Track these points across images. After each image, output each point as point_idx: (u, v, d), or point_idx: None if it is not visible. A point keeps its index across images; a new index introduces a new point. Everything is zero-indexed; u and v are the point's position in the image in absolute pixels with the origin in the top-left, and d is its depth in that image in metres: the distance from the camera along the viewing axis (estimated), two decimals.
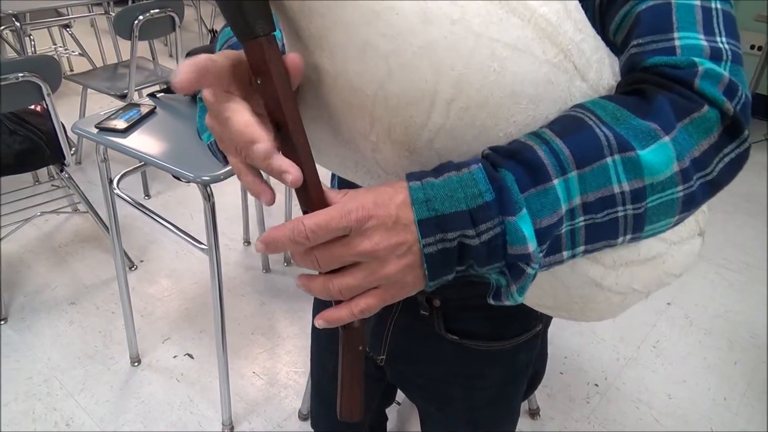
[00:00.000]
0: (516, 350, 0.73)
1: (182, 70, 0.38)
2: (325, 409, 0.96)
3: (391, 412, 1.20)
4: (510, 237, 0.38)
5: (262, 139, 0.38)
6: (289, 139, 0.40)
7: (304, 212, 0.41)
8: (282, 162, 0.39)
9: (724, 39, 0.44)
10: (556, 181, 0.39)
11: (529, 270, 0.39)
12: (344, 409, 0.51)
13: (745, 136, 0.43)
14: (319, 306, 0.89)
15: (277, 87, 0.38)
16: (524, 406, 1.63)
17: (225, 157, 0.47)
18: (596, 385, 1.73)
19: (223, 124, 0.40)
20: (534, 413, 1.62)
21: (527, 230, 0.38)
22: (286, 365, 1.78)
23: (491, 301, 0.43)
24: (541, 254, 0.39)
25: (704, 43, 0.43)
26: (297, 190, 0.41)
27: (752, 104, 0.44)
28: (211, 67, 0.39)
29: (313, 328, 0.91)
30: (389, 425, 1.18)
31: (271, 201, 0.41)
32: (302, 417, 1.60)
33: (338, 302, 0.43)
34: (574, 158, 0.39)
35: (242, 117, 0.39)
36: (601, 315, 0.53)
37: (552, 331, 1.39)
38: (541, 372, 0.86)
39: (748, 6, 2.97)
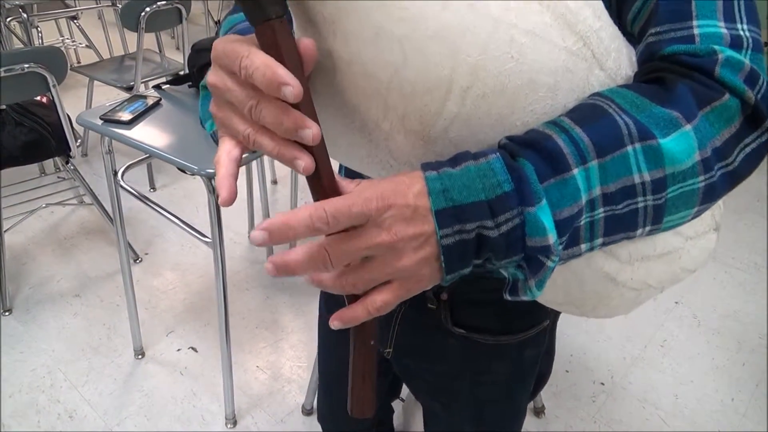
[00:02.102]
0: (523, 345, 0.72)
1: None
2: (332, 406, 0.95)
3: (396, 406, 1.19)
4: (529, 228, 0.36)
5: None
6: None
7: (316, 200, 0.39)
8: (294, 148, 0.37)
9: (745, 26, 0.43)
10: (576, 171, 0.37)
11: (549, 263, 0.37)
12: (355, 406, 0.50)
13: (766, 126, 0.41)
14: (327, 297, 0.88)
15: (290, 71, 0.37)
16: (529, 404, 1.61)
17: None
18: (602, 384, 1.72)
19: (229, 75, 0.38)
20: (539, 411, 1.61)
21: (547, 221, 0.36)
22: (289, 360, 1.77)
23: (507, 297, 0.42)
24: (560, 246, 0.38)
25: (724, 30, 0.42)
26: (309, 178, 0.39)
27: None
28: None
29: (320, 320, 0.90)
30: (396, 422, 1.17)
31: (227, 202, 0.38)
32: (305, 412, 1.60)
33: (350, 298, 0.42)
34: (595, 147, 0.38)
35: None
36: (614, 311, 0.52)
37: (558, 328, 1.37)
38: (547, 374, 0.85)
39: (761, 5, 2.94)
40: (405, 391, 1.13)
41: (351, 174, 0.66)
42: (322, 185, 0.39)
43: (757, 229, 2.46)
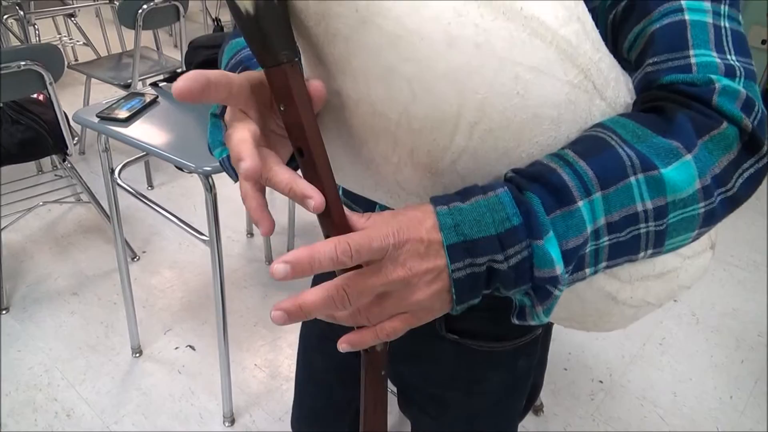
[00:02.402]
0: (516, 354, 0.72)
1: (184, 78, 0.37)
2: (305, 413, 0.93)
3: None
4: (537, 260, 0.38)
5: (248, 158, 0.36)
6: (312, 164, 0.39)
7: (327, 236, 0.40)
8: (305, 187, 0.38)
9: (734, 57, 0.44)
10: (581, 203, 0.38)
11: (556, 292, 0.39)
12: None
13: (764, 151, 0.43)
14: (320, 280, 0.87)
15: (301, 113, 0.38)
16: None
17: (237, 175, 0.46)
18: (601, 382, 1.71)
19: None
20: (537, 409, 1.60)
21: (555, 253, 0.37)
22: (288, 358, 1.76)
23: (515, 321, 0.43)
24: (567, 275, 0.39)
25: (718, 60, 0.44)
26: (319, 216, 0.40)
27: (762, 100, 0.44)
28: (223, 83, 0.38)
29: (303, 325, 0.89)
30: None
31: (269, 231, 0.39)
32: None
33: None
34: (598, 179, 0.39)
35: (239, 134, 0.38)
36: (613, 326, 0.54)
37: (556, 327, 1.36)
38: (539, 385, 0.85)
39: (761, 4, 2.95)
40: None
41: (348, 194, 0.66)
42: (333, 222, 0.40)
43: (757, 227, 2.46)
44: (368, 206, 0.59)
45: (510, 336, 0.70)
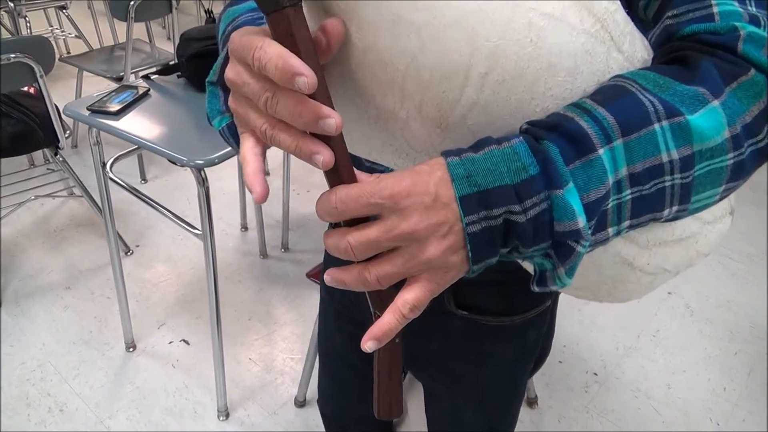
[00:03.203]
0: (526, 326, 0.71)
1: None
2: (331, 389, 0.94)
3: None
4: (557, 213, 0.35)
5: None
6: None
7: None
8: (312, 143, 0.36)
9: (754, 8, 0.42)
10: (601, 151, 0.36)
11: (579, 248, 0.36)
12: (382, 407, 0.48)
13: None
14: (331, 263, 0.87)
15: (305, 61, 0.35)
16: None
17: (239, 142, 0.44)
18: (595, 374, 1.72)
19: (246, 69, 0.37)
20: (532, 402, 1.61)
21: (576, 204, 0.35)
22: (282, 352, 1.76)
23: (535, 288, 0.41)
24: (589, 231, 0.37)
25: (741, 9, 0.41)
26: (327, 173, 0.38)
27: None
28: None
29: (321, 307, 0.89)
30: None
31: (262, 197, 0.38)
32: (298, 404, 1.59)
33: (375, 300, 0.41)
34: (619, 125, 0.37)
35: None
36: (628, 296, 0.52)
37: None
38: (547, 349, 0.85)
39: None
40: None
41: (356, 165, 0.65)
42: (342, 180, 0.38)
43: (752, 219, 2.46)
44: None
45: (519, 310, 0.69)
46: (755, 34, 0.40)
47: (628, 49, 0.43)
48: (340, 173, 0.38)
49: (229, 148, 1.16)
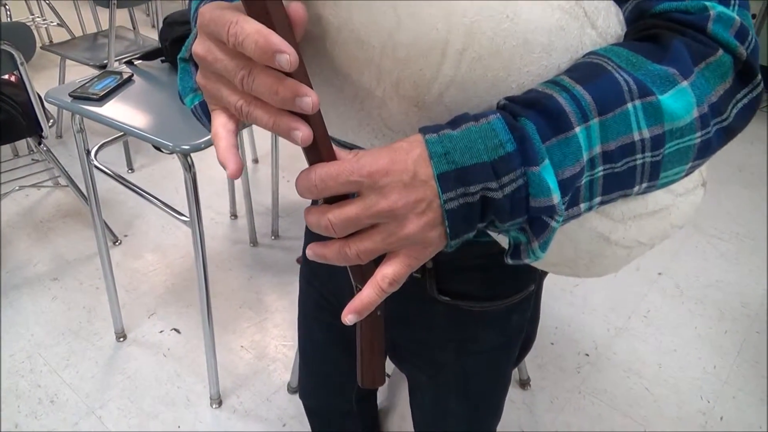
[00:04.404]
0: (509, 312, 0.71)
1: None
2: (313, 381, 0.94)
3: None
4: (533, 189, 0.36)
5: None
6: None
7: None
8: (290, 119, 0.35)
9: None
10: (578, 129, 0.37)
11: (553, 223, 0.37)
12: (366, 377, 0.49)
13: (758, 80, 0.42)
14: (306, 272, 0.86)
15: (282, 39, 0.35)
16: (515, 376, 1.62)
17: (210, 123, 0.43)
18: (587, 355, 1.73)
19: (217, 45, 0.35)
20: (524, 383, 1.61)
21: (551, 181, 0.36)
22: (274, 339, 1.75)
23: (509, 261, 0.41)
24: (563, 206, 0.37)
25: None
26: (306, 149, 0.37)
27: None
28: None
29: (300, 296, 0.88)
30: (379, 398, 1.16)
31: (236, 173, 0.37)
32: (291, 390, 1.59)
33: (356, 273, 0.41)
34: (596, 104, 0.37)
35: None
36: (606, 270, 0.53)
37: (543, 301, 1.35)
38: (532, 336, 0.84)
39: None
40: (390, 366, 1.13)
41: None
42: (321, 157, 0.37)
43: (739, 199, 2.48)
44: None
45: (502, 295, 0.69)
46: (724, 14, 0.41)
47: (602, 24, 0.43)
48: (319, 150, 0.37)
49: None
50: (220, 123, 0.38)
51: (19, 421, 1.47)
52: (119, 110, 1.30)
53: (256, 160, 2.68)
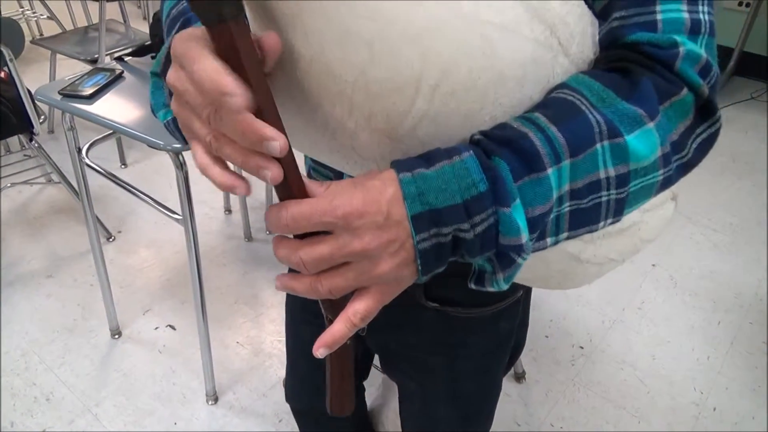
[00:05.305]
0: (497, 317, 0.71)
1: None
2: (299, 383, 0.94)
3: (371, 386, 1.19)
4: (503, 227, 0.37)
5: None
6: None
7: None
8: (259, 158, 0.35)
9: (705, 8, 0.44)
10: (550, 171, 0.37)
11: (519, 260, 0.38)
12: (334, 405, 0.50)
13: (716, 117, 0.43)
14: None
15: (250, 76, 0.34)
16: (510, 369, 1.63)
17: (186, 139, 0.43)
18: (581, 347, 1.74)
19: (187, 77, 0.35)
20: (519, 377, 1.62)
21: (521, 221, 0.37)
22: (270, 334, 1.76)
23: (472, 286, 0.42)
24: (531, 243, 0.38)
25: (686, 15, 0.43)
26: (277, 187, 0.37)
27: (739, 63, 0.47)
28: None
29: (287, 299, 0.88)
30: (369, 401, 1.16)
31: (248, 191, 0.37)
32: None
33: (327, 306, 0.41)
34: (569, 146, 0.38)
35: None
36: (578, 284, 0.54)
37: (537, 294, 1.35)
38: (521, 343, 0.85)
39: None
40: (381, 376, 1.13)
41: (316, 163, 0.64)
42: (291, 192, 0.37)
43: (733, 190, 2.48)
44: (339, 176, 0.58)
45: (490, 301, 0.69)
46: (692, 52, 0.42)
47: (576, 50, 0.43)
48: (289, 187, 0.37)
49: None
50: (201, 154, 0.38)
51: (15, 419, 1.47)
52: (110, 108, 1.29)
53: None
